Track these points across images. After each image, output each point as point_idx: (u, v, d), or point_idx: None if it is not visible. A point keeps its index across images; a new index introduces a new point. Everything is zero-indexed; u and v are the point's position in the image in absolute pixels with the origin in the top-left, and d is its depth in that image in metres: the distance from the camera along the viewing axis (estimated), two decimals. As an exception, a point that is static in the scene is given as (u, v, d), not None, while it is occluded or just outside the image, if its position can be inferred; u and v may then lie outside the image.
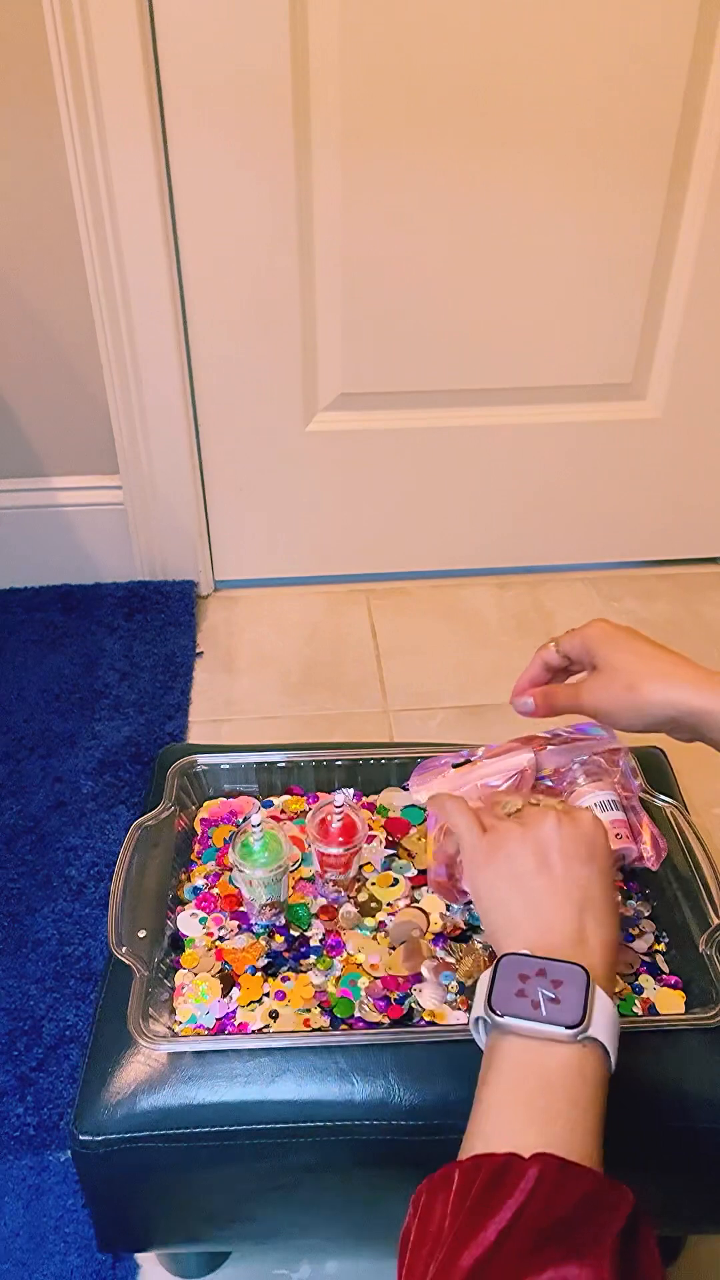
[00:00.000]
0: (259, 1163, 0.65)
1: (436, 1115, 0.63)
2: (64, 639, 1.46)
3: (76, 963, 1.03)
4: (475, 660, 1.46)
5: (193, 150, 1.22)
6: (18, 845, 1.16)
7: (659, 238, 1.34)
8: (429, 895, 0.74)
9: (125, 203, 1.23)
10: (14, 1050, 0.96)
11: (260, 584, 1.60)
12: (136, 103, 1.17)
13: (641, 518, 1.59)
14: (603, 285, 1.37)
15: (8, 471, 1.49)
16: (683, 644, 1.47)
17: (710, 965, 0.68)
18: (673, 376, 1.45)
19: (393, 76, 1.19)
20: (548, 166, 1.27)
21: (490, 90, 1.21)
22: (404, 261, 1.32)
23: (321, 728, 1.34)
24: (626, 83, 1.22)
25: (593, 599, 1.58)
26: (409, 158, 1.25)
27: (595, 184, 1.28)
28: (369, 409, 1.45)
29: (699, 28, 1.19)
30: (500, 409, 1.47)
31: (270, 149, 1.23)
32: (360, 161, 1.24)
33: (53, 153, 1.22)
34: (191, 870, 0.77)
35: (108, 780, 1.24)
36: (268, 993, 0.68)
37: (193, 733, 1.33)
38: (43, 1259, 0.83)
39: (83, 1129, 0.63)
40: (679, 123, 1.25)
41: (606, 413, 1.48)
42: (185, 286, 1.32)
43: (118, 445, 1.44)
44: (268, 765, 0.83)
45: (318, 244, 1.30)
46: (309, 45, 1.17)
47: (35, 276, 1.32)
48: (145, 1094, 0.64)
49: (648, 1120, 0.63)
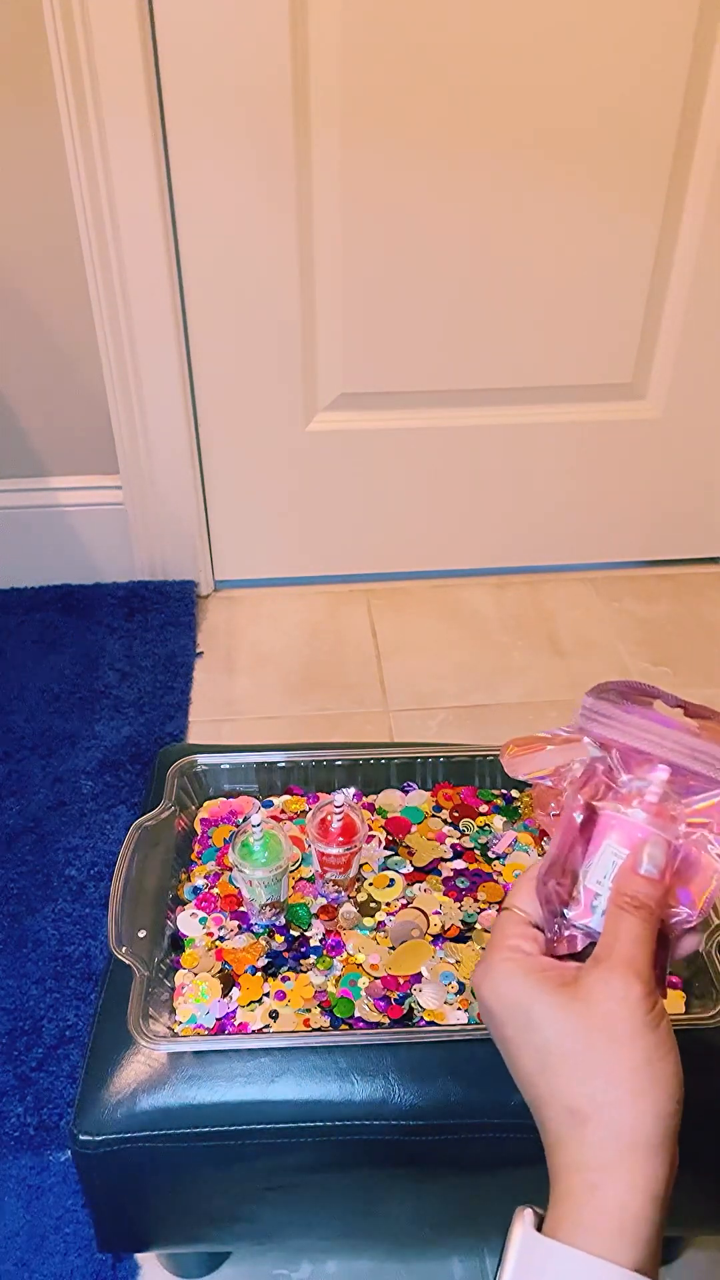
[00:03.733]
0: (259, 1163, 0.65)
1: (436, 1115, 0.63)
2: (64, 639, 1.46)
3: (76, 963, 1.03)
4: (475, 660, 1.46)
5: (193, 150, 1.22)
6: (18, 845, 1.16)
7: (659, 237, 1.34)
8: (424, 894, 0.74)
9: (125, 202, 1.23)
10: (14, 1050, 0.96)
11: (260, 584, 1.60)
12: (136, 102, 1.17)
13: (641, 518, 1.59)
14: (603, 285, 1.37)
15: (8, 471, 1.49)
16: (683, 644, 1.48)
17: (710, 965, 0.68)
18: (673, 376, 1.45)
19: (393, 76, 1.19)
20: (548, 166, 1.27)
21: (490, 89, 1.21)
22: (404, 261, 1.32)
23: (321, 728, 1.34)
24: (627, 83, 1.22)
25: (593, 599, 1.58)
26: (409, 157, 1.25)
27: (595, 184, 1.28)
28: (369, 409, 1.45)
29: (699, 27, 1.19)
30: (500, 409, 1.47)
31: (270, 149, 1.23)
32: (360, 161, 1.24)
33: (53, 152, 1.22)
34: (191, 870, 0.77)
35: (108, 780, 1.24)
36: (268, 993, 0.68)
37: (193, 733, 1.33)
38: (43, 1259, 0.83)
39: (83, 1129, 0.63)
40: (679, 122, 1.25)
41: (606, 413, 1.48)
42: (185, 286, 1.32)
43: (118, 445, 1.44)
44: (268, 765, 0.83)
45: (318, 244, 1.30)
46: (309, 45, 1.17)
47: (35, 276, 1.32)
48: (145, 1094, 0.64)
49: (648, 1120, 0.63)
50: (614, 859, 0.48)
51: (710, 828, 0.48)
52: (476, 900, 0.74)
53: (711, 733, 0.49)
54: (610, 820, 0.49)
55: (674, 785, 0.49)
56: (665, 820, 0.48)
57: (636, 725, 0.50)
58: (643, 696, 0.51)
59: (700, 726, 0.49)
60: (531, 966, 0.46)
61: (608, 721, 0.50)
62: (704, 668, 1.45)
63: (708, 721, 0.50)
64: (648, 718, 0.50)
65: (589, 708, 0.51)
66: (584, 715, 0.51)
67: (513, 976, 0.46)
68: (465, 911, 0.73)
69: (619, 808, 0.49)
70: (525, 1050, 0.45)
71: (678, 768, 0.49)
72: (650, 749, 0.49)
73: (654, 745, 0.49)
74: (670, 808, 0.48)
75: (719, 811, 0.49)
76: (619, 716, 0.50)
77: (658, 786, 0.49)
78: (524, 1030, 0.45)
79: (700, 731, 0.49)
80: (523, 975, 0.46)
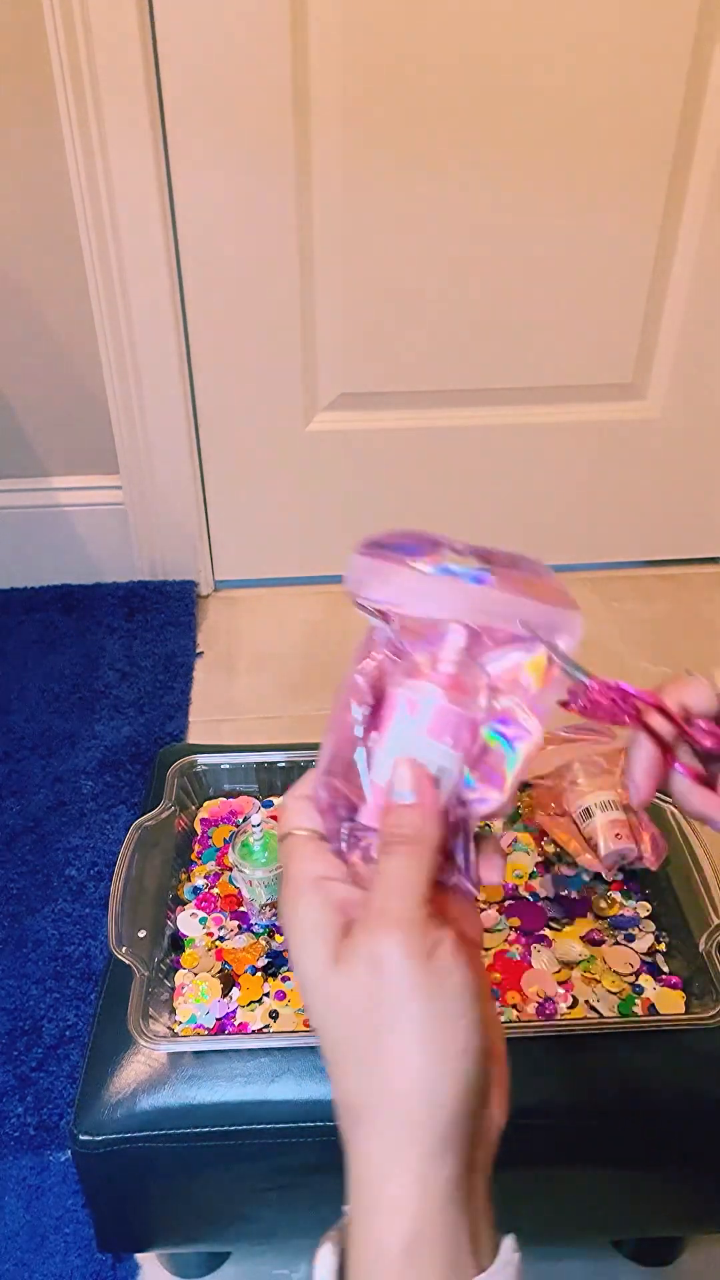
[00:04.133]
0: (259, 1163, 0.65)
1: (436, 1115, 0.63)
2: (64, 639, 1.46)
3: (76, 963, 1.03)
4: (475, 660, 1.45)
5: (193, 150, 1.22)
6: (18, 845, 1.16)
7: (659, 237, 1.33)
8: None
9: (125, 203, 1.23)
10: (14, 1050, 0.96)
11: (260, 584, 1.60)
12: (136, 103, 1.17)
13: (641, 518, 1.59)
14: (603, 285, 1.37)
15: (8, 471, 1.49)
16: (683, 644, 1.48)
17: (710, 965, 0.68)
18: (673, 376, 1.45)
19: (393, 76, 1.19)
20: (548, 166, 1.27)
21: (490, 89, 1.21)
22: (404, 261, 1.32)
23: (321, 728, 1.34)
24: (627, 83, 1.22)
25: (593, 599, 1.58)
26: (409, 157, 1.25)
27: (595, 183, 1.28)
28: (369, 409, 1.45)
29: (699, 27, 1.19)
30: (500, 409, 1.47)
31: (270, 149, 1.23)
32: (360, 161, 1.24)
33: (53, 153, 1.22)
34: (191, 870, 0.77)
35: (108, 780, 1.24)
36: (268, 993, 0.68)
37: (193, 733, 1.33)
38: (43, 1259, 0.83)
39: (83, 1129, 0.63)
40: (679, 122, 1.25)
41: (606, 413, 1.48)
42: (185, 286, 1.32)
43: (118, 445, 1.44)
44: (268, 765, 0.83)
45: (318, 244, 1.30)
46: (309, 46, 1.17)
47: (35, 276, 1.32)
48: (145, 1094, 0.64)
49: (648, 1120, 0.63)
50: (404, 746, 0.39)
51: (515, 693, 0.40)
52: (476, 900, 0.73)
53: (511, 582, 0.40)
54: (396, 700, 0.40)
55: (471, 650, 0.40)
56: (461, 693, 0.39)
57: (419, 582, 0.40)
58: (427, 545, 0.41)
59: (496, 576, 0.40)
60: (317, 907, 0.37)
61: (384, 584, 0.41)
62: (704, 668, 1.44)
63: (506, 569, 0.40)
64: (432, 567, 0.40)
65: (360, 569, 0.41)
66: (355, 579, 0.41)
67: (292, 925, 0.38)
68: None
69: (406, 684, 0.40)
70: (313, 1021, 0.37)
71: (473, 629, 0.40)
72: (439, 610, 0.40)
73: (442, 605, 0.40)
74: (467, 676, 0.40)
75: (524, 673, 0.40)
76: (397, 575, 0.41)
77: (452, 653, 0.40)
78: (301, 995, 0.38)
79: (497, 581, 0.40)
80: (308, 928, 0.37)
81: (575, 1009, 0.68)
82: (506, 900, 0.75)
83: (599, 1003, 0.68)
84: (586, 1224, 0.76)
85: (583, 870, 0.76)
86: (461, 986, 0.35)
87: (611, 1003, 0.68)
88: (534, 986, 0.69)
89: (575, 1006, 0.68)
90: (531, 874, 0.77)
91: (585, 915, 0.74)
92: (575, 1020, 0.67)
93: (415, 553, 0.40)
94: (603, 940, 0.72)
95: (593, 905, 0.75)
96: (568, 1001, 0.68)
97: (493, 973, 0.70)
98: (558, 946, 0.71)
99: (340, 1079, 0.36)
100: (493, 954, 0.71)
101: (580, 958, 0.71)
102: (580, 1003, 0.68)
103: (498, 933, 0.72)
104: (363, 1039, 0.35)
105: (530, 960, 0.71)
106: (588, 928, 0.73)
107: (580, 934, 0.72)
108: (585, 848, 0.75)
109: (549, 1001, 0.68)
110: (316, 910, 0.37)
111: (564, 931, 0.73)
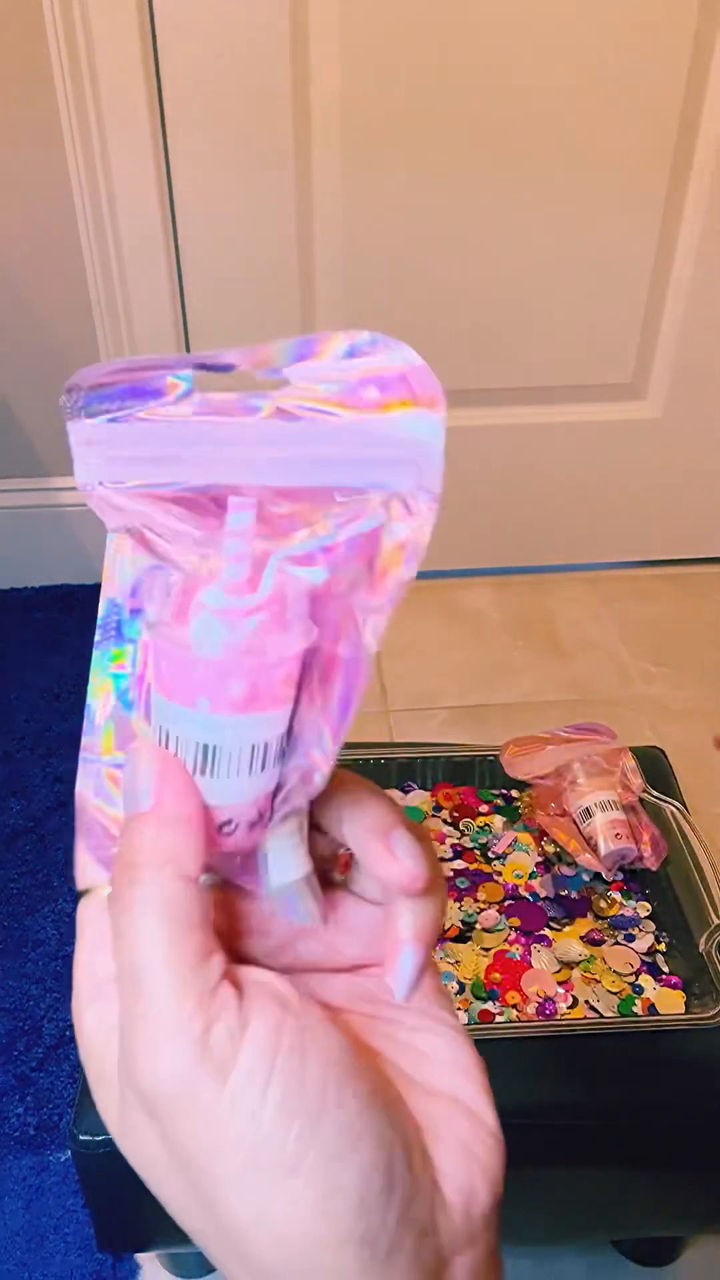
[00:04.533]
0: (259, 1163, 0.65)
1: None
2: (64, 639, 1.46)
3: (76, 963, 1.03)
4: (475, 660, 1.46)
5: (193, 149, 1.22)
6: (18, 845, 1.16)
7: (659, 237, 1.33)
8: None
9: (125, 202, 1.23)
10: (14, 1050, 0.96)
11: (260, 584, 1.60)
12: (136, 102, 1.17)
13: (641, 518, 1.59)
14: (603, 285, 1.37)
15: (8, 471, 1.49)
16: (683, 644, 1.48)
17: (710, 965, 0.68)
18: (673, 376, 1.45)
19: (393, 75, 1.19)
20: (548, 165, 1.27)
21: (490, 88, 1.21)
22: (404, 261, 1.32)
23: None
24: (627, 81, 1.22)
25: (593, 599, 1.58)
26: (409, 157, 1.25)
27: (595, 183, 1.28)
28: (369, 409, 1.45)
29: (699, 27, 1.19)
30: (500, 409, 1.47)
31: (270, 148, 1.23)
32: (360, 160, 1.24)
33: (53, 152, 1.22)
34: (191, 870, 0.77)
35: (108, 780, 1.24)
36: (268, 993, 0.68)
37: (193, 733, 1.33)
38: (43, 1259, 0.83)
39: (83, 1129, 0.63)
40: (679, 122, 1.25)
41: (606, 413, 1.48)
42: (185, 286, 1.32)
43: (118, 445, 1.44)
44: (268, 765, 0.83)
45: (318, 243, 1.30)
46: (309, 45, 1.17)
47: (35, 276, 1.32)
48: (145, 1094, 0.64)
49: (648, 1120, 0.63)
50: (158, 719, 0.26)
51: (333, 584, 0.25)
52: (476, 900, 0.74)
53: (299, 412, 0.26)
54: (153, 651, 0.26)
55: (266, 527, 0.25)
56: (272, 614, 0.25)
57: (178, 438, 0.27)
58: (147, 374, 0.26)
59: (270, 406, 0.26)
60: (87, 1033, 0.28)
61: (130, 450, 0.28)
62: (704, 668, 1.45)
63: (296, 392, 0.26)
64: (197, 413, 0.26)
65: (86, 438, 0.28)
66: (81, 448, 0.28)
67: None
68: (465, 912, 0.73)
69: (158, 624, 0.26)
70: None
71: (264, 494, 0.25)
72: (210, 475, 0.26)
73: (204, 465, 0.26)
74: (274, 585, 0.25)
75: (343, 557, 0.25)
76: (141, 439, 0.27)
77: (235, 549, 0.25)
78: None
79: (273, 411, 0.26)
80: (91, 1072, 0.28)
81: (575, 1009, 0.68)
82: (506, 900, 0.75)
83: (599, 1003, 0.68)
84: (586, 1224, 0.76)
85: (583, 870, 0.76)
86: (277, 1077, 0.22)
87: (611, 1003, 0.68)
88: (534, 986, 0.69)
89: (575, 1006, 0.68)
90: (531, 874, 0.77)
91: (585, 915, 0.74)
92: (575, 1020, 0.67)
93: (143, 394, 0.26)
94: (603, 940, 0.72)
95: (593, 905, 0.75)
96: (568, 1001, 0.68)
97: (493, 973, 0.70)
98: (558, 946, 0.71)
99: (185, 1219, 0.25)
100: (493, 954, 0.71)
101: (580, 958, 0.71)
102: (580, 1003, 0.68)
103: (498, 933, 0.73)
104: (189, 1197, 0.24)
105: (530, 960, 0.71)
106: (588, 928, 0.73)
107: (580, 934, 0.72)
108: (585, 848, 0.75)
109: (549, 1001, 0.68)
110: (88, 1037, 0.27)
111: (564, 931, 0.73)
